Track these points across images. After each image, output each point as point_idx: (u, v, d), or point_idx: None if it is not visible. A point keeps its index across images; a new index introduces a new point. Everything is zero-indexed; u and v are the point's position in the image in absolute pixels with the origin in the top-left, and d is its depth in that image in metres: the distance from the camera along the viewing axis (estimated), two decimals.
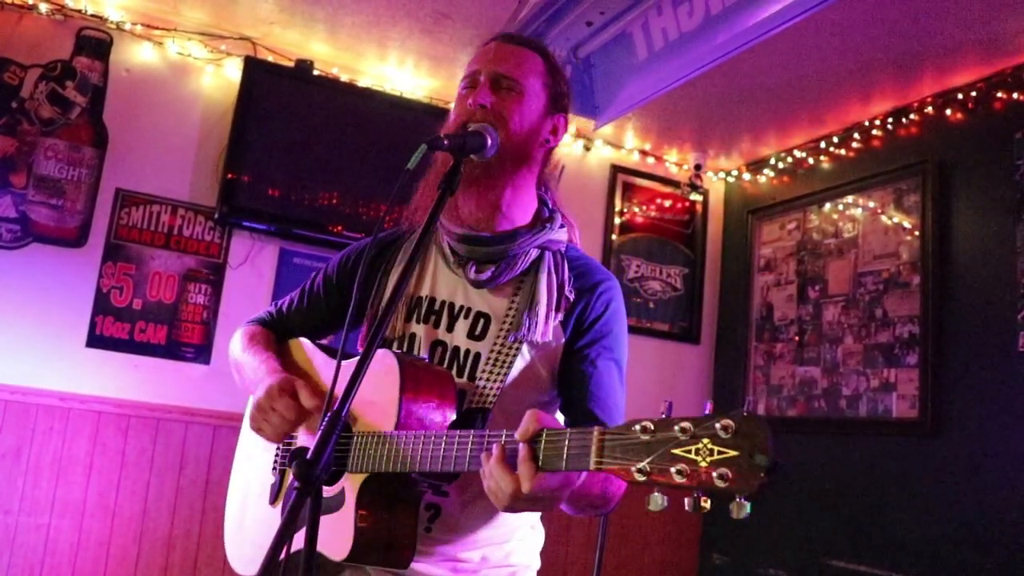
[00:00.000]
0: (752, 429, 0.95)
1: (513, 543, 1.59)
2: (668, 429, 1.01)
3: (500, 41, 1.63)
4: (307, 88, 3.99)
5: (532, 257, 1.58)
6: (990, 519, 3.33)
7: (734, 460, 0.95)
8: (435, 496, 1.49)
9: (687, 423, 1.00)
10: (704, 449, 0.97)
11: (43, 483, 3.49)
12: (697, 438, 0.98)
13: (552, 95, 1.62)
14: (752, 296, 4.73)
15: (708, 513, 3.53)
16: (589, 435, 1.07)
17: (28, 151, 3.64)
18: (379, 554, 1.39)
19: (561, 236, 1.64)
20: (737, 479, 0.94)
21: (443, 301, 1.60)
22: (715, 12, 2.92)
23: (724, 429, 0.96)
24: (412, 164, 1.32)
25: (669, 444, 1.00)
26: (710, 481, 0.96)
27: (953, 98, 3.77)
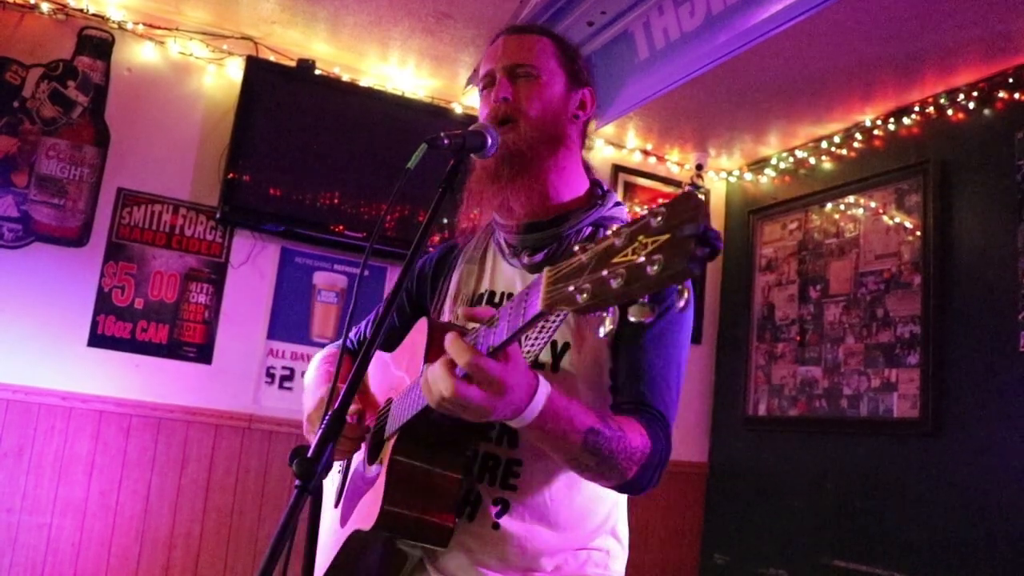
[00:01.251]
0: (682, 205, 0.83)
1: (590, 550, 1.51)
2: (605, 240, 0.91)
3: (507, 35, 1.63)
4: (309, 88, 3.99)
5: (585, 235, 1.52)
6: (991, 519, 3.33)
7: (665, 244, 0.83)
8: (504, 491, 1.46)
9: (625, 227, 0.89)
10: (639, 246, 0.85)
11: (45, 482, 3.49)
12: (633, 237, 0.87)
13: (569, 71, 1.61)
14: (753, 296, 4.73)
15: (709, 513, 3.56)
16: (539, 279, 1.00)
17: (30, 151, 3.64)
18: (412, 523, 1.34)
19: (618, 213, 1.60)
20: (668, 259, 0.82)
21: (503, 292, 1.60)
22: (716, 12, 2.92)
23: (654, 216, 0.85)
24: (413, 163, 1.32)
25: (606, 254, 0.89)
26: (644, 274, 0.84)
27: (954, 98, 3.77)
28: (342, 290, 4.12)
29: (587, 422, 1.24)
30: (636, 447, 1.30)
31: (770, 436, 4.48)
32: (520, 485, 1.46)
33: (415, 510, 1.34)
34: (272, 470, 3.84)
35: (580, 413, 1.24)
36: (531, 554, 1.45)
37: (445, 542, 1.37)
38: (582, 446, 1.24)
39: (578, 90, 1.62)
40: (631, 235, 0.87)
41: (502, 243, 1.62)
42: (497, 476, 1.46)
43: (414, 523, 1.34)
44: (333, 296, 4.09)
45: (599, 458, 1.26)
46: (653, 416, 1.38)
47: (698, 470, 4.80)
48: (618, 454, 1.27)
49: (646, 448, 1.31)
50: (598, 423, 1.25)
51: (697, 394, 4.87)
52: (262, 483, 3.82)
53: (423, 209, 2.84)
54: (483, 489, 1.46)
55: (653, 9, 3.15)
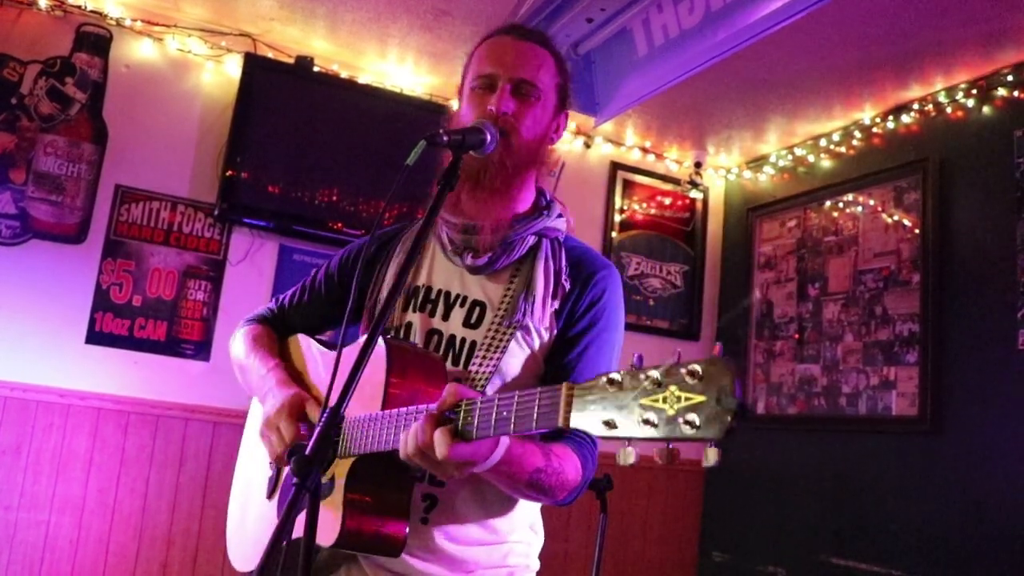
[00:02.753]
0: (719, 372, 0.90)
1: (511, 543, 1.58)
2: (635, 379, 0.97)
3: (515, 38, 1.61)
4: (307, 85, 3.98)
5: (529, 244, 1.59)
6: (990, 516, 3.33)
7: (701, 406, 0.90)
8: (432, 486, 1.49)
9: (655, 371, 0.95)
10: (671, 397, 0.92)
11: (43, 479, 3.49)
12: (664, 386, 0.93)
13: (561, 95, 1.64)
14: (752, 293, 4.73)
15: (708, 512, 3.57)
16: (557, 392, 1.05)
17: (28, 147, 3.63)
18: (369, 540, 1.39)
19: (559, 225, 1.65)
20: (704, 424, 0.89)
21: (439, 290, 1.61)
22: (715, 9, 2.92)
23: (690, 375, 0.92)
24: (411, 160, 1.32)
25: (636, 394, 0.96)
26: (678, 429, 0.91)
27: (953, 96, 3.77)
28: None
29: (534, 463, 1.35)
30: (570, 479, 1.43)
31: (769, 434, 4.48)
32: (448, 481, 1.49)
33: (372, 527, 1.38)
34: None
35: (530, 455, 1.35)
36: (457, 547, 1.50)
37: (398, 552, 1.42)
38: (527, 483, 1.36)
39: (561, 114, 1.65)
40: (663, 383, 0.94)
41: (444, 239, 1.64)
42: (426, 473, 1.48)
43: (372, 538, 1.39)
44: None
45: (539, 491, 1.39)
46: (584, 442, 1.50)
47: (696, 468, 4.80)
48: (555, 487, 1.40)
49: (577, 479, 1.45)
50: (542, 463, 1.37)
51: None
52: None
53: (421, 206, 2.84)
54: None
55: (652, 6, 3.14)
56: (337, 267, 1.79)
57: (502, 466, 1.29)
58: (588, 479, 1.48)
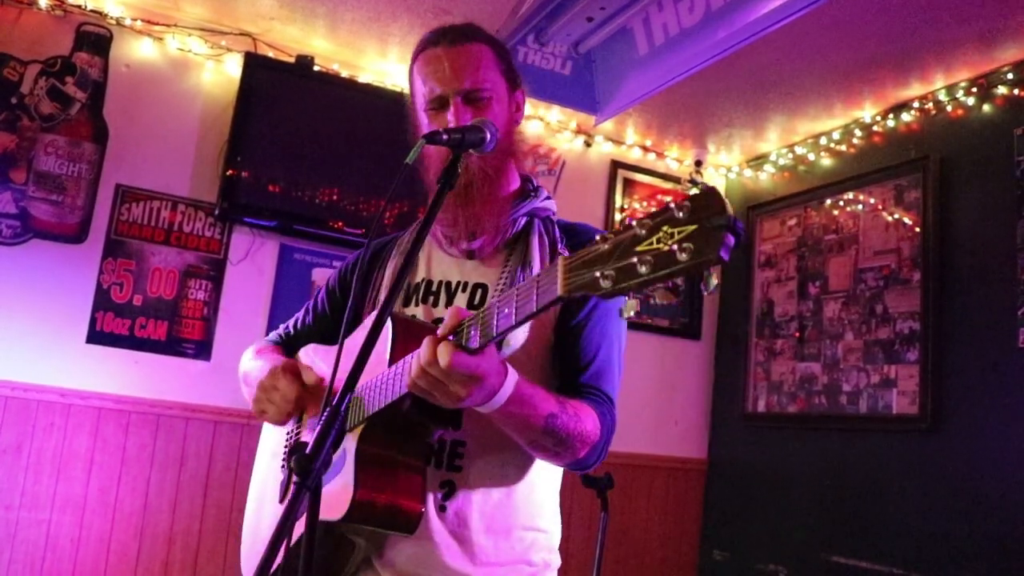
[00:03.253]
0: (707, 199, 0.89)
1: (535, 532, 1.57)
2: (627, 230, 0.97)
3: (446, 47, 1.60)
4: (307, 84, 3.98)
5: (521, 224, 1.62)
6: (990, 515, 3.33)
7: (694, 233, 0.89)
8: (449, 472, 1.49)
9: (647, 218, 0.95)
10: (665, 235, 0.92)
11: (44, 479, 3.49)
12: (656, 228, 0.93)
13: (508, 78, 1.64)
14: (753, 292, 4.73)
15: (709, 510, 3.57)
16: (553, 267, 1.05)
17: (28, 147, 3.63)
18: (383, 512, 1.37)
19: (549, 205, 1.67)
20: (700, 247, 0.88)
21: (440, 281, 1.63)
22: (716, 8, 2.91)
23: (680, 209, 0.91)
24: (411, 159, 1.33)
25: (631, 243, 0.95)
26: (675, 260, 0.90)
27: (954, 94, 3.77)
28: None
29: (548, 407, 1.36)
30: (589, 431, 1.42)
31: (769, 432, 4.49)
32: (464, 465, 1.49)
33: (385, 498, 1.36)
34: None
35: (542, 399, 1.35)
36: (476, 535, 1.48)
37: (413, 528, 1.40)
38: (543, 429, 1.36)
39: (515, 93, 1.66)
40: (654, 226, 0.93)
41: (439, 235, 1.66)
42: (443, 459, 1.49)
43: (385, 511, 1.37)
44: None
45: (556, 439, 1.38)
46: (601, 399, 1.50)
47: (697, 466, 4.80)
48: (574, 437, 1.39)
49: (596, 431, 1.44)
50: (557, 408, 1.37)
51: (696, 391, 4.87)
52: None
53: (422, 205, 2.83)
54: (428, 472, 1.48)
55: (652, 5, 3.14)
56: (337, 282, 1.82)
57: (513, 405, 1.29)
58: (608, 439, 1.47)
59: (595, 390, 1.51)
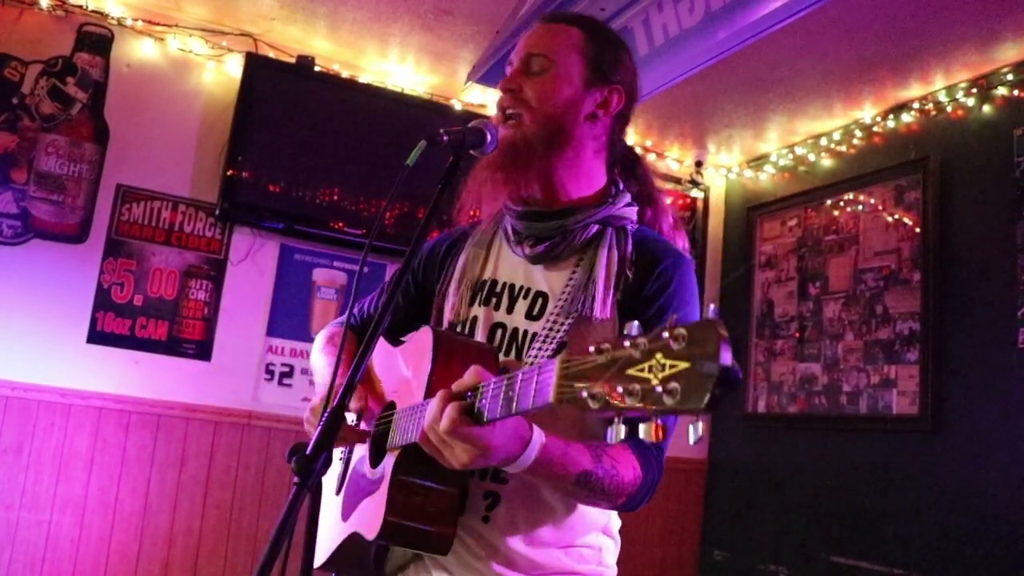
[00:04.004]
0: (704, 336, 0.81)
1: (579, 547, 1.51)
2: (621, 346, 0.89)
3: (542, 22, 1.59)
4: (308, 84, 3.99)
5: (592, 232, 1.52)
6: (989, 515, 3.33)
7: (683, 373, 0.81)
8: (494, 483, 1.46)
9: (643, 338, 0.87)
10: (656, 365, 0.84)
11: (44, 479, 3.49)
12: (651, 353, 0.85)
13: (593, 67, 1.54)
14: (753, 293, 4.73)
15: (709, 510, 3.57)
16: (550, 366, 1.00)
17: (29, 147, 3.64)
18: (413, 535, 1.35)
19: (627, 213, 1.56)
20: (685, 394, 0.80)
21: (504, 283, 1.58)
22: (716, 8, 2.92)
23: (676, 340, 0.83)
24: (412, 160, 1.32)
25: (623, 363, 0.87)
26: (659, 400, 0.83)
27: (954, 95, 3.77)
28: (341, 287, 4.11)
29: (580, 465, 1.28)
30: (627, 482, 1.34)
31: (769, 433, 4.49)
32: (510, 478, 1.45)
33: (417, 522, 1.35)
34: (271, 467, 3.84)
35: (574, 457, 1.28)
36: (521, 547, 1.45)
37: (446, 550, 1.38)
38: (574, 484, 1.29)
39: (601, 88, 1.55)
40: (649, 350, 0.86)
41: (508, 229, 1.61)
42: (488, 471, 1.45)
43: (415, 534, 1.35)
44: (332, 293, 4.09)
45: (590, 492, 1.32)
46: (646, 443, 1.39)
47: (697, 466, 4.80)
48: (609, 490, 1.32)
49: (636, 481, 1.35)
50: (591, 465, 1.29)
51: None
52: (261, 480, 3.82)
53: (423, 206, 2.83)
54: (473, 482, 1.45)
55: (652, 6, 3.14)
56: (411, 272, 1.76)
57: (539, 467, 1.24)
58: (652, 482, 1.39)
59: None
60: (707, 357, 0.80)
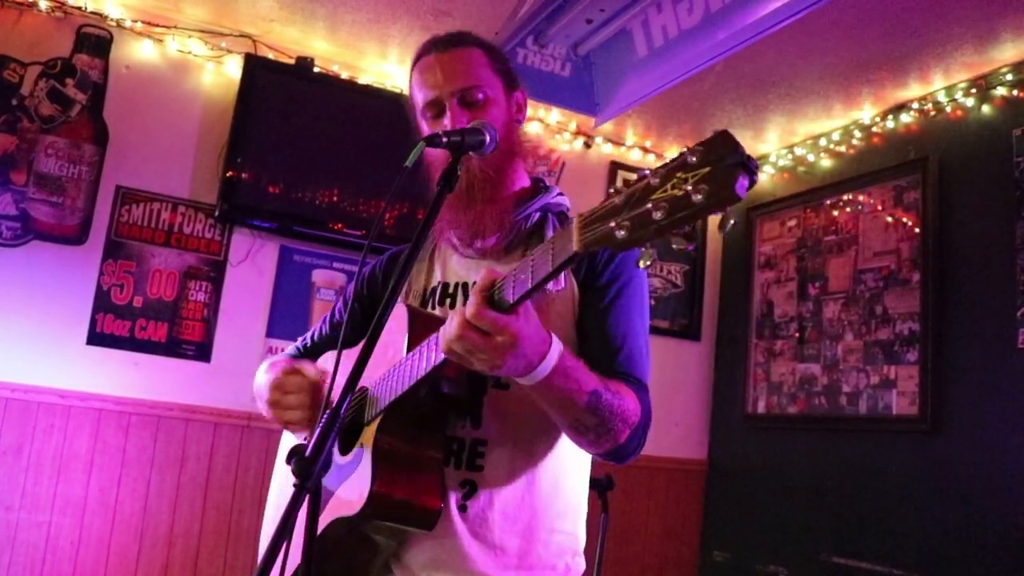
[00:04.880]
0: (717, 144, 0.89)
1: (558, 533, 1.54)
2: (640, 181, 0.97)
3: (437, 53, 1.60)
4: (307, 85, 3.99)
5: (534, 220, 1.60)
6: (989, 515, 3.33)
7: (707, 175, 0.89)
8: (469, 471, 1.48)
9: (660, 168, 0.95)
10: (679, 181, 0.91)
11: (44, 480, 3.49)
12: (671, 175, 0.93)
13: (504, 78, 1.63)
14: (752, 293, 4.73)
15: (709, 511, 3.55)
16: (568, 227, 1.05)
17: (28, 149, 3.63)
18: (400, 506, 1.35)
19: (562, 201, 1.65)
20: (714, 187, 0.88)
21: (457, 283, 1.63)
22: (715, 9, 2.92)
23: (692, 154, 0.91)
24: (410, 161, 1.33)
25: (644, 192, 0.95)
26: (690, 203, 0.89)
27: (953, 95, 3.77)
28: (341, 288, 4.11)
29: (592, 383, 1.31)
30: (631, 410, 1.38)
31: (769, 433, 4.49)
32: (486, 465, 1.48)
33: (403, 492, 1.35)
34: (271, 468, 3.83)
35: (585, 373, 1.31)
36: (498, 536, 1.47)
37: (432, 524, 1.39)
38: (586, 406, 1.31)
39: (513, 94, 1.64)
40: (667, 174, 0.93)
41: (453, 240, 1.65)
42: (463, 459, 1.48)
43: (403, 505, 1.36)
44: (332, 294, 4.09)
45: (599, 418, 1.33)
46: (637, 384, 1.46)
47: (697, 467, 4.80)
48: (616, 416, 1.35)
49: (637, 411, 1.40)
50: (599, 384, 1.32)
51: (696, 391, 4.87)
52: (261, 481, 3.82)
53: (422, 207, 2.83)
54: (449, 473, 1.47)
55: (652, 7, 3.14)
56: (353, 293, 1.80)
57: (557, 377, 1.25)
58: (647, 423, 1.44)
59: (628, 375, 1.47)
60: (726, 155, 0.88)
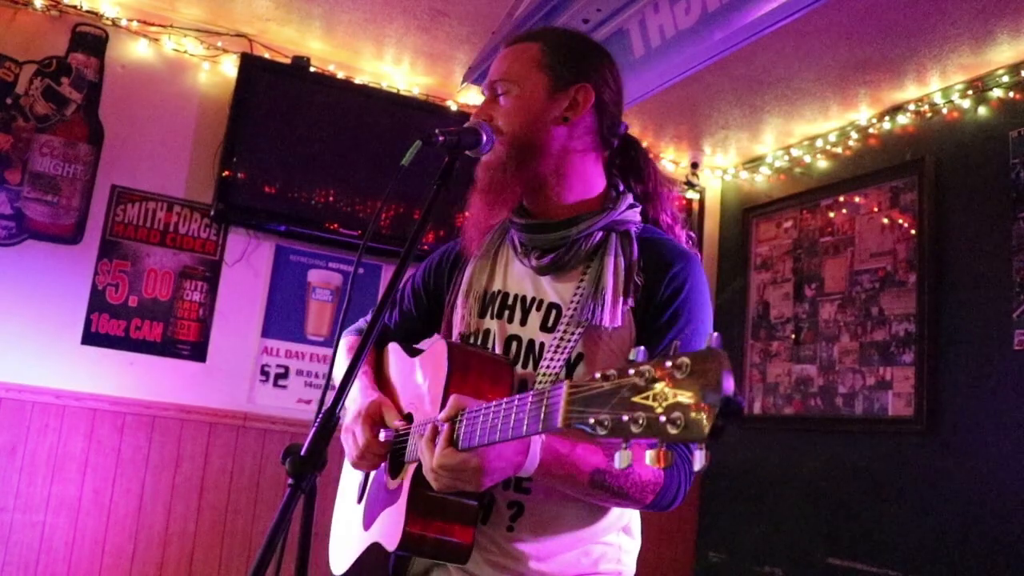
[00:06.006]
0: (706, 366, 0.84)
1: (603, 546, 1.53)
2: (625, 374, 0.92)
3: (504, 45, 1.63)
4: (303, 85, 3.98)
5: (596, 240, 1.52)
6: (985, 516, 3.34)
7: (687, 403, 0.84)
8: (517, 493, 1.47)
9: (647, 366, 0.89)
10: (660, 394, 0.86)
11: (38, 480, 3.48)
12: (654, 381, 0.88)
13: (555, 74, 1.54)
14: (748, 294, 4.74)
15: (705, 512, 3.55)
16: (558, 392, 1.02)
17: (23, 148, 3.62)
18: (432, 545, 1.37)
19: (630, 216, 1.56)
20: (687, 424, 0.82)
21: (516, 295, 1.58)
22: (712, 10, 2.92)
23: (678, 368, 0.86)
24: (406, 161, 1.32)
25: (628, 391, 0.90)
26: (664, 431, 0.84)
27: (949, 97, 3.77)
28: (337, 288, 4.11)
29: (592, 463, 1.31)
30: (647, 480, 1.35)
31: (765, 434, 4.49)
32: (533, 488, 1.47)
33: (435, 532, 1.36)
34: (266, 468, 3.84)
35: (584, 456, 1.31)
36: (544, 553, 1.47)
37: (465, 560, 1.39)
38: (589, 485, 1.32)
39: (565, 90, 1.53)
40: (653, 378, 0.89)
41: (514, 240, 1.62)
42: (511, 481, 1.46)
43: (434, 545, 1.37)
44: (328, 294, 4.09)
45: (609, 493, 1.34)
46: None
47: None
48: (628, 489, 1.34)
49: (659, 480, 1.36)
50: (604, 463, 1.31)
51: None
52: (256, 481, 3.82)
53: (418, 207, 2.83)
54: (497, 493, 1.47)
55: (649, 7, 3.14)
56: (421, 280, 1.81)
57: (550, 467, 1.27)
58: (679, 479, 1.39)
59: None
60: (709, 387, 0.82)
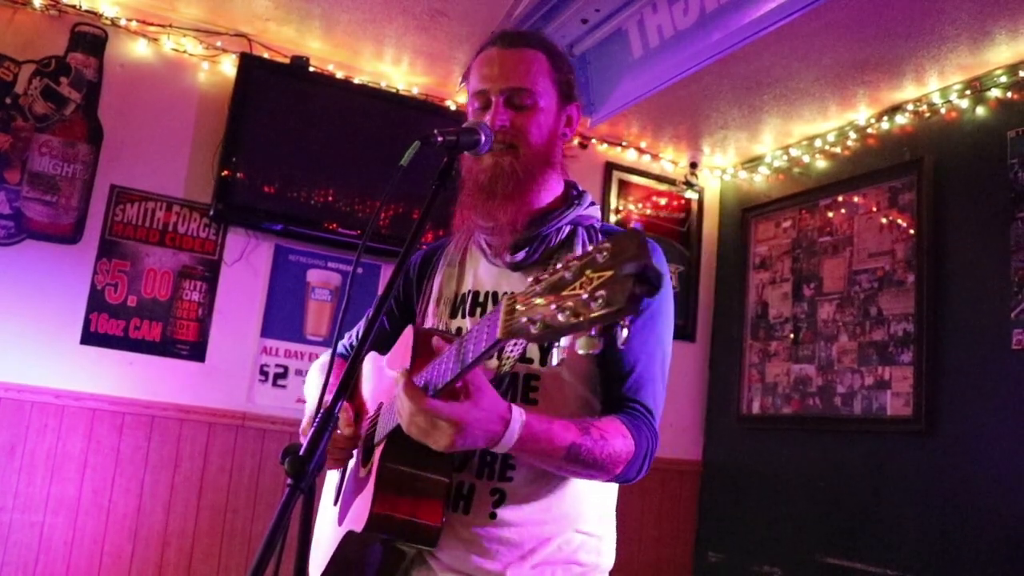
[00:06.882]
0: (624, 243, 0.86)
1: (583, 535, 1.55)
2: (555, 272, 0.94)
3: (501, 47, 1.60)
4: (303, 85, 3.98)
5: (564, 234, 1.59)
6: (983, 516, 3.34)
7: (608, 280, 0.85)
8: (500, 482, 1.50)
9: (574, 260, 0.92)
10: (587, 280, 0.88)
11: (37, 480, 3.48)
12: (581, 271, 0.89)
13: (562, 90, 1.61)
14: (747, 294, 4.74)
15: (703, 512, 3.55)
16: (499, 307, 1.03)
17: (22, 147, 3.62)
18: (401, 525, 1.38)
19: (592, 212, 1.65)
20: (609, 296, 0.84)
21: (487, 292, 1.62)
22: (710, 10, 2.92)
23: (600, 251, 0.88)
24: (405, 161, 1.33)
25: (558, 285, 0.92)
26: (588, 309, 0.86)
27: (947, 97, 3.78)
28: (336, 288, 4.11)
29: (567, 438, 1.34)
30: (619, 450, 1.41)
31: (764, 434, 4.49)
32: (515, 476, 1.50)
33: (403, 513, 1.37)
34: (265, 468, 3.84)
35: (560, 432, 1.34)
36: (527, 541, 1.49)
37: (434, 542, 1.41)
38: (565, 459, 1.35)
39: (567, 107, 1.63)
40: (580, 269, 0.90)
41: (483, 244, 1.64)
42: (495, 470, 1.50)
43: (403, 525, 1.38)
44: (327, 294, 4.09)
45: (583, 465, 1.38)
46: (638, 412, 1.49)
47: (692, 468, 4.80)
48: (602, 459, 1.39)
49: (630, 449, 1.42)
50: (579, 437, 1.35)
51: (691, 392, 4.87)
52: (255, 481, 3.82)
53: (417, 207, 2.83)
54: (479, 483, 1.49)
55: (647, 7, 3.15)
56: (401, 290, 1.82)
57: (526, 444, 1.29)
58: (647, 450, 1.46)
59: (633, 402, 1.50)
60: (627, 260, 0.85)
